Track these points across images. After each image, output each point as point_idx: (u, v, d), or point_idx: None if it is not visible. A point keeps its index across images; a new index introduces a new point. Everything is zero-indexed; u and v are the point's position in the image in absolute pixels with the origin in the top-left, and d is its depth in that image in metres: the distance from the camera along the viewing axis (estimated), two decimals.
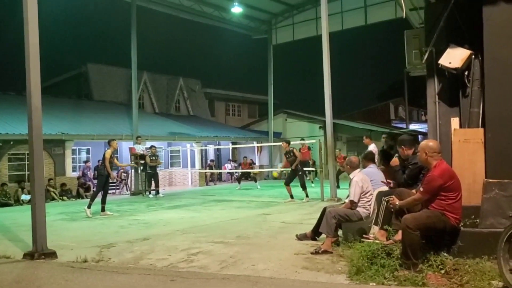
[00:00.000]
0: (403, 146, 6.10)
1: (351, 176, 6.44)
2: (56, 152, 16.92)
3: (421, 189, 4.81)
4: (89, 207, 10.65)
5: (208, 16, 22.55)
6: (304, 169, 15.10)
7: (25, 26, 6.31)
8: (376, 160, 7.72)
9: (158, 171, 16.49)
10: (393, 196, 5.27)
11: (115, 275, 5.21)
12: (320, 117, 22.45)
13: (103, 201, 10.93)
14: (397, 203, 5.07)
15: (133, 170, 17.81)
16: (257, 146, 23.97)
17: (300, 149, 15.42)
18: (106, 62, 27.70)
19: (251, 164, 22.10)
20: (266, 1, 21.92)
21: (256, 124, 29.49)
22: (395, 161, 6.37)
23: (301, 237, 6.69)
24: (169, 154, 23.18)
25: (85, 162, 19.42)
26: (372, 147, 11.30)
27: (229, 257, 5.82)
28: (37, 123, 6.37)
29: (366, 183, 6.25)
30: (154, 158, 15.95)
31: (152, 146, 16.42)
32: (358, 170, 6.48)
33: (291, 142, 13.27)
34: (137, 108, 19.57)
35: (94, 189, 11.43)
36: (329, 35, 13.03)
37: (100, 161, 11.43)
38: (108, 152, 10.82)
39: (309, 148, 18.22)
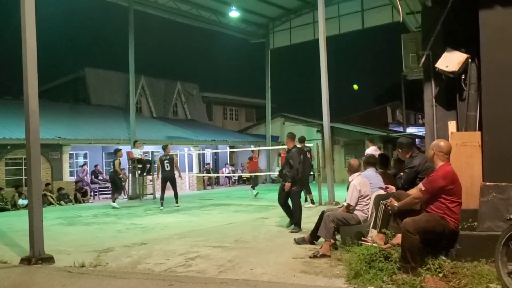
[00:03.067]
0: (400, 149, 6.15)
1: (350, 179, 6.45)
2: (54, 156, 16.88)
3: (423, 188, 4.81)
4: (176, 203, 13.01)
5: (206, 20, 22.58)
6: None
7: (22, 30, 6.31)
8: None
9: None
10: (391, 198, 5.27)
11: (113, 280, 5.19)
12: (317, 120, 22.49)
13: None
14: (395, 204, 5.07)
15: (130, 175, 17.77)
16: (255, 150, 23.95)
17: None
18: (104, 66, 27.72)
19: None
20: (264, 6, 21.96)
21: (254, 128, 29.51)
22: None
23: (299, 241, 6.68)
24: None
25: (82, 166, 19.39)
26: (372, 150, 11.25)
27: (227, 261, 5.81)
28: (35, 127, 6.36)
29: (364, 186, 6.25)
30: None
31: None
32: (358, 173, 6.47)
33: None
34: (134, 112, 19.55)
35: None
36: (326, 39, 13.08)
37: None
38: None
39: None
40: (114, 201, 13.75)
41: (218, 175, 23.51)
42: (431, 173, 4.92)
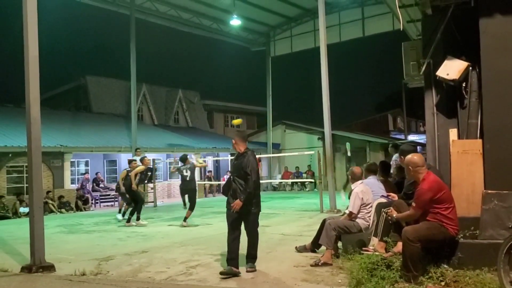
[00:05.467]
0: (402, 156, 6.14)
1: (352, 187, 6.44)
2: (55, 164, 16.90)
3: (414, 204, 4.82)
4: (138, 219, 11.11)
5: (207, 28, 22.74)
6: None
7: (24, 38, 6.34)
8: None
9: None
10: (391, 207, 5.26)
11: None
12: (318, 128, 22.48)
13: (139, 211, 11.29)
14: (394, 215, 5.06)
15: None
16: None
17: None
18: (105, 74, 27.80)
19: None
20: (265, 14, 22.10)
21: (255, 136, 29.51)
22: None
23: (301, 249, 6.66)
24: (168, 166, 23.14)
25: (83, 174, 19.38)
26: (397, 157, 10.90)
27: None
28: (36, 135, 6.37)
29: (367, 194, 6.23)
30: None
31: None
32: (360, 181, 6.46)
33: (288, 154, 13.01)
34: (136, 120, 19.60)
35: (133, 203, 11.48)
36: (327, 47, 13.13)
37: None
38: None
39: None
40: None
41: (219, 182, 23.47)
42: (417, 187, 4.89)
